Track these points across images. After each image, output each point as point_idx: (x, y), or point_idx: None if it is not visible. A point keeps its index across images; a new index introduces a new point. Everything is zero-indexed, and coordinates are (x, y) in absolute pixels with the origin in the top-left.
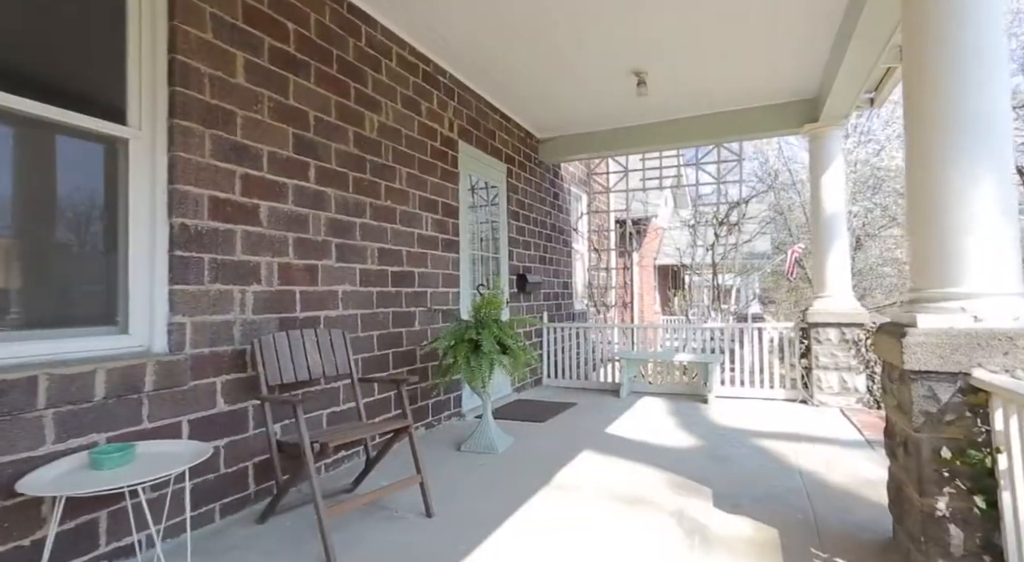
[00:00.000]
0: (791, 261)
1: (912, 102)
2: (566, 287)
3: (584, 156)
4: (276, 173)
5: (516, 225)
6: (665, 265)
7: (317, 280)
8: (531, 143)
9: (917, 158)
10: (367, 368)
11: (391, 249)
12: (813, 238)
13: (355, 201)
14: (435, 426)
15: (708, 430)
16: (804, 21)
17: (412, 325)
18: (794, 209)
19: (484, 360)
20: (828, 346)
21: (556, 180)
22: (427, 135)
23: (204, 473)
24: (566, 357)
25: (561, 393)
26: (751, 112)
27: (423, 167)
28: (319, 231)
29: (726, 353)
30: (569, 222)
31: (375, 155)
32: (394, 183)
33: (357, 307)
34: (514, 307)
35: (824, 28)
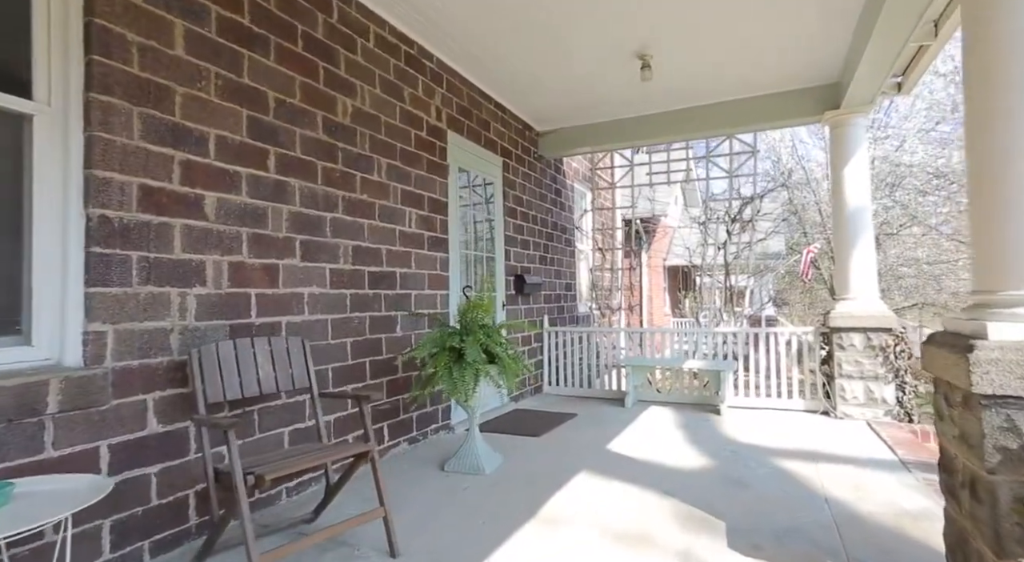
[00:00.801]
0: (806, 262)
1: (979, 58)
2: (569, 289)
3: (587, 150)
4: (227, 160)
5: (514, 223)
6: (675, 265)
7: (278, 281)
8: (530, 136)
9: (986, 125)
10: (339, 379)
11: (368, 247)
12: (835, 236)
13: (325, 194)
14: (420, 441)
15: (720, 446)
16: None
17: (393, 331)
18: (808, 208)
19: (468, 371)
20: (852, 353)
21: (558, 176)
22: (411, 123)
23: (130, 506)
24: (568, 363)
25: (562, 402)
26: (766, 100)
27: (406, 158)
28: (280, 227)
29: (739, 359)
30: (572, 220)
31: (349, 143)
32: (372, 175)
33: (327, 311)
34: (512, 310)
35: (849, 3)
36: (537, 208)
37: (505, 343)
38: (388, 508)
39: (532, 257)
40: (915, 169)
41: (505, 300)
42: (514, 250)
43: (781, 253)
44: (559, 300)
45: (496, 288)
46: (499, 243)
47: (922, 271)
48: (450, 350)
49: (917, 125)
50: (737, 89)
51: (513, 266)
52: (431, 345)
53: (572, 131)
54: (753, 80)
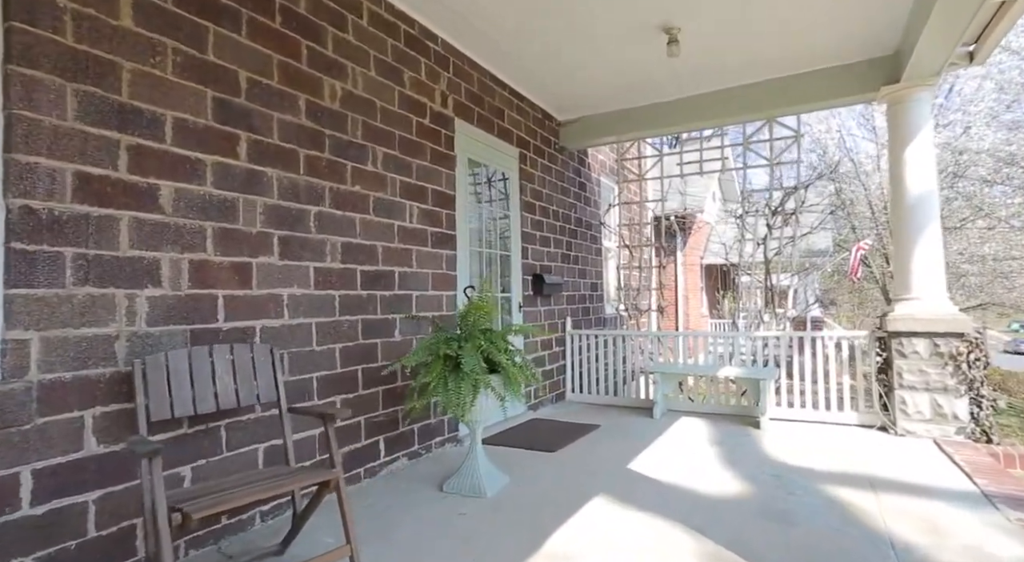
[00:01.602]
0: (855, 259)
1: None
2: (594, 289)
3: (612, 140)
4: (188, 146)
5: (532, 218)
6: (713, 264)
7: (251, 282)
8: (550, 126)
9: None
10: (327, 389)
11: (361, 244)
12: (894, 228)
13: (309, 185)
14: (422, 456)
15: (760, 468)
16: None
17: (391, 335)
18: (858, 203)
19: (465, 382)
20: (915, 361)
21: (582, 169)
22: (412, 110)
23: (61, 539)
24: (592, 369)
25: (584, 411)
26: (811, 77)
27: (406, 147)
28: (254, 221)
29: (782, 366)
30: (598, 216)
31: (339, 130)
32: (365, 165)
33: (311, 314)
34: (530, 312)
35: None
36: (558, 203)
37: (512, 350)
38: (355, 547)
39: (553, 255)
40: (983, 156)
41: (522, 301)
42: (532, 248)
43: (828, 250)
44: (583, 301)
45: (512, 288)
46: (515, 240)
47: (988, 268)
48: (445, 358)
49: (985, 108)
50: (777, 66)
51: (531, 265)
52: (424, 353)
53: (596, 119)
54: (795, 54)
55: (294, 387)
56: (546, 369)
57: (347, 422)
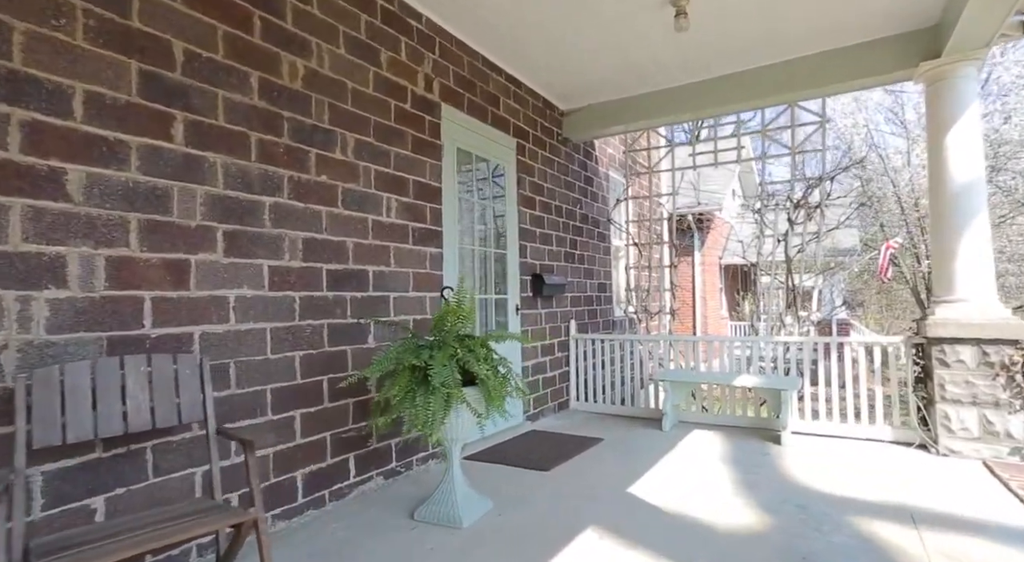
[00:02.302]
0: (885, 259)
1: None
2: (602, 290)
3: (619, 129)
4: (105, 125)
5: (531, 214)
6: (733, 264)
7: (188, 282)
8: (552, 116)
9: None
10: (283, 403)
11: (327, 241)
12: (933, 221)
13: (263, 174)
14: (400, 474)
15: (781, 494)
16: None
17: (363, 341)
18: (886, 200)
19: (435, 397)
20: (960, 371)
21: (588, 163)
22: (391, 93)
23: None
24: (598, 376)
25: (588, 422)
26: (840, 55)
27: (383, 134)
28: (192, 213)
29: (806, 374)
30: (607, 213)
31: (301, 113)
32: (333, 152)
33: (265, 318)
34: (528, 315)
35: None
36: (561, 198)
37: (495, 359)
38: None
39: (555, 254)
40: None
41: (520, 304)
42: (531, 246)
43: (855, 249)
44: (590, 303)
45: (508, 290)
46: (512, 238)
47: None
48: (413, 370)
49: None
50: (800, 44)
51: (530, 264)
52: (388, 363)
53: (601, 108)
54: (821, 30)
55: (242, 402)
56: (547, 375)
57: (310, 438)
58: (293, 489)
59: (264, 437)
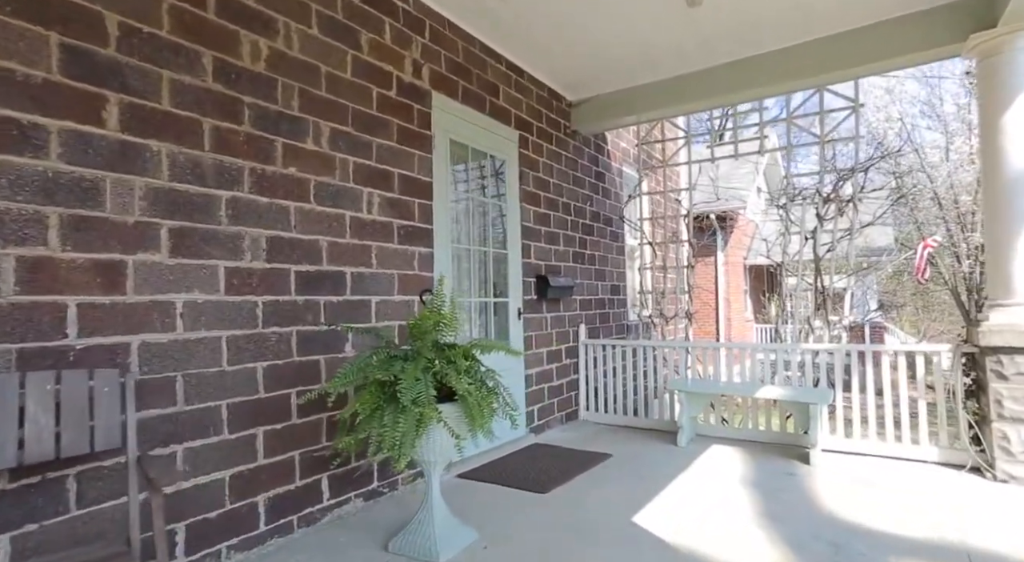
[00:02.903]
0: (922, 258)
1: None
2: (615, 292)
3: (630, 120)
4: (14, 105)
5: (535, 212)
6: (759, 265)
7: (124, 286)
8: (559, 107)
9: None
10: (243, 420)
11: (297, 239)
12: (987, 214)
13: (218, 165)
14: (383, 495)
15: (811, 526)
16: None
17: (339, 350)
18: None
19: (405, 416)
20: (1022, 385)
21: (600, 157)
22: (372, 79)
23: None
24: (610, 384)
25: (597, 435)
26: (877, 30)
27: (364, 123)
28: (130, 208)
29: (838, 385)
30: (620, 210)
31: (265, 99)
32: (304, 143)
33: (220, 326)
34: (532, 320)
35: None
36: (569, 194)
37: (480, 371)
38: None
39: (562, 254)
40: None
41: (522, 307)
42: (536, 245)
43: (889, 248)
44: (601, 306)
45: (509, 293)
46: (513, 237)
47: None
48: (380, 384)
49: None
50: (831, 20)
51: (534, 265)
52: (351, 376)
53: (611, 98)
54: (855, 3)
55: (192, 420)
56: (553, 384)
57: (276, 458)
58: (254, 515)
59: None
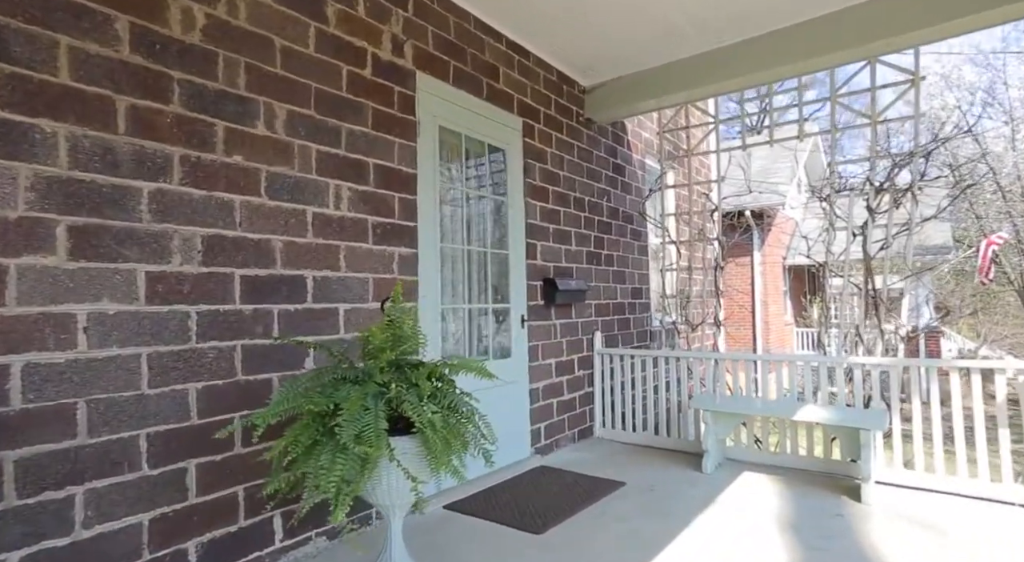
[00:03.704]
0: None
1: None
2: (637, 296)
3: (651, 106)
4: None
5: (543, 208)
6: (799, 265)
7: (3, 296)
8: (571, 93)
9: None
10: (169, 452)
11: (243, 239)
12: None
13: (137, 151)
14: (356, 530)
15: None
16: None
17: (296, 366)
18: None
19: (345, 457)
20: None
21: (619, 148)
22: (341, 56)
23: None
24: (628, 399)
25: (612, 457)
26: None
27: (331, 107)
28: (12, 201)
29: (894, 405)
30: (643, 207)
31: (201, 75)
32: (253, 127)
33: (137, 341)
34: (539, 328)
35: None
36: (583, 188)
37: (453, 396)
38: None
39: (575, 254)
40: None
41: (527, 314)
42: (543, 245)
43: (946, 246)
44: (621, 311)
45: (511, 298)
46: (516, 235)
47: None
48: (316, 416)
49: None
50: None
51: (541, 267)
52: (282, 405)
53: (629, 81)
54: None
55: (97, 455)
56: (564, 399)
57: (214, 495)
58: None
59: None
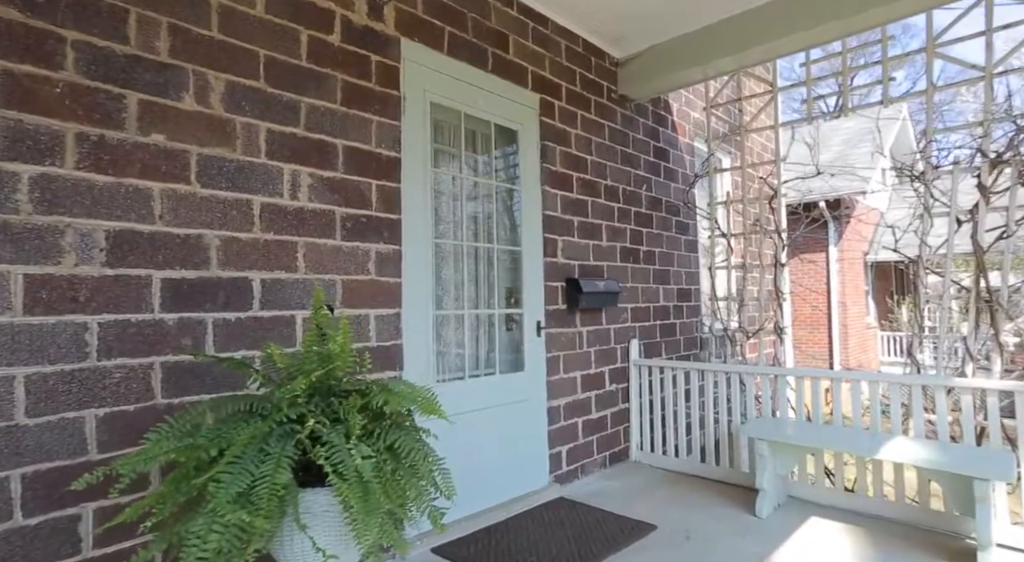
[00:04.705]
0: None
1: None
2: (684, 298)
3: (696, 77)
4: None
5: (565, 198)
6: (885, 261)
7: None
8: (600, 66)
9: None
10: (57, 496)
11: (165, 235)
12: None
13: (13, 127)
14: None
15: None
16: None
17: (238, 386)
18: None
19: (222, 530)
20: None
21: (661, 130)
22: (301, 18)
23: None
24: (669, 418)
25: (648, 486)
26: None
27: (286, 78)
28: None
29: (1022, 444)
30: (691, 196)
31: (104, 36)
32: (179, 101)
33: (9, 361)
34: (560, 337)
35: None
36: (616, 175)
37: (401, 434)
38: None
39: (606, 251)
40: None
41: (544, 320)
42: (565, 241)
43: None
44: (664, 316)
45: (524, 302)
46: (531, 230)
47: None
48: (199, 466)
49: None
50: None
51: (564, 266)
52: (158, 449)
53: (669, 48)
54: None
55: None
56: (591, 417)
57: (118, 547)
58: None
59: None
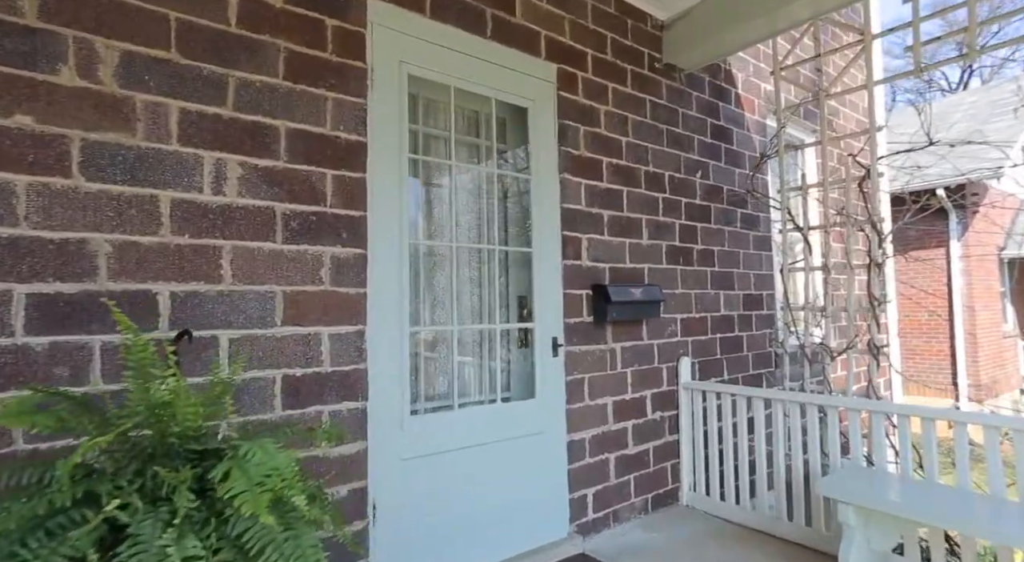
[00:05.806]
0: None
1: None
2: (754, 305)
3: (762, 32)
4: None
5: (591, 188)
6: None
7: None
8: (638, 29)
9: None
10: None
11: (26, 239)
12: None
13: None
14: None
15: None
16: None
17: None
18: None
19: None
20: None
21: (721, 105)
22: None
23: None
24: (729, 455)
25: (697, 544)
26: None
27: (207, 46)
28: None
29: None
30: (762, 184)
31: None
32: (55, 74)
33: None
34: (584, 355)
35: None
36: (661, 160)
37: (252, 527)
38: None
39: (647, 251)
40: None
41: (561, 337)
42: (591, 239)
43: None
44: (727, 328)
45: (536, 314)
46: (545, 226)
47: None
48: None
49: None
50: None
51: (590, 270)
52: None
53: (724, 2)
54: None
55: None
56: (627, 453)
57: None
58: None
59: None
